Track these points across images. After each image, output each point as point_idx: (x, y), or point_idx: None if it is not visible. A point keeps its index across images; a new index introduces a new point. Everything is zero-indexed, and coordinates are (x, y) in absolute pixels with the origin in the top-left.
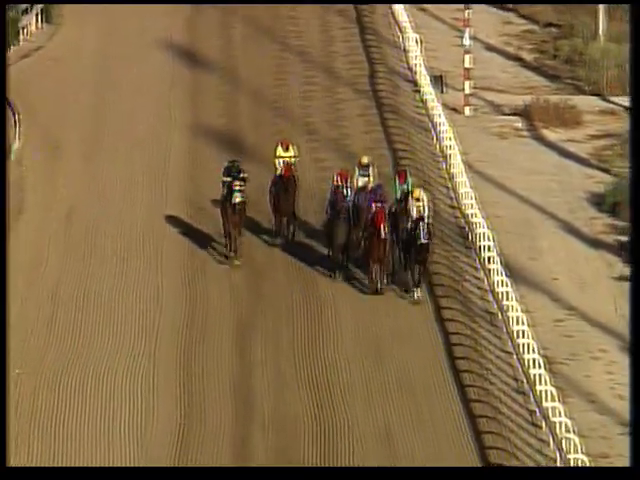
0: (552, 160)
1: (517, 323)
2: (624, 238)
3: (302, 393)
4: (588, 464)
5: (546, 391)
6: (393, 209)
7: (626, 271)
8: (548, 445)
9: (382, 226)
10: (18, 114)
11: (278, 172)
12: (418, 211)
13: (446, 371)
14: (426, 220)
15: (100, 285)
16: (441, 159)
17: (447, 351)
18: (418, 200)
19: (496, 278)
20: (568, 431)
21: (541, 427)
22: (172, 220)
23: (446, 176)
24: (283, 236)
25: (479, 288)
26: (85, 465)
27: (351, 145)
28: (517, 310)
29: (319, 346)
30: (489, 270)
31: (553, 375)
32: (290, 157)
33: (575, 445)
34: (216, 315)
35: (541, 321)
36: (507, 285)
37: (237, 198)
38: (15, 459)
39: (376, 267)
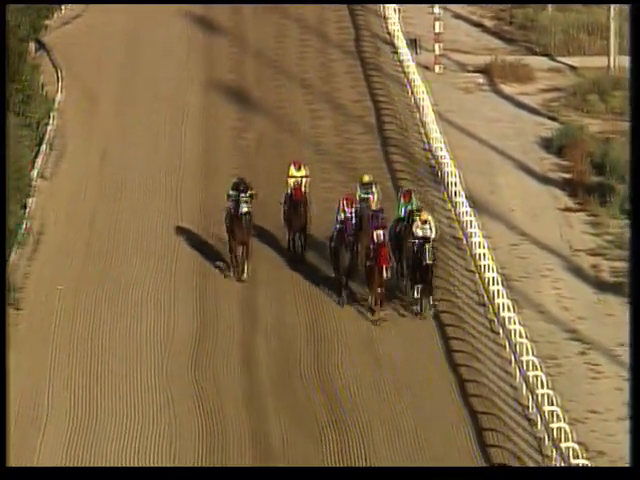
0: (509, 110)
1: (479, 247)
2: (568, 175)
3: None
4: (538, 366)
5: (503, 304)
6: (398, 228)
7: (570, 203)
8: (505, 348)
9: (385, 267)
10: (60, 71)
11: (289, 191)
12: (424, 233)
13: None
14: (431, 242)
15: (130, 216)
16: (415, 109)
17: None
18: (425, 222)
19: (461, 209)
20: (521, 337)
21: (499, 333)
22: (189, 158)
23: (419, 123)
24: (295, 250)
25: (447, 217)
26: (117, 358)
27: (340, 97)
28: (479, 236)
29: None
30: (455, 202)
31: (509, 291)
32: (302, 176)
33: (527, 348)
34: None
35: (499, 245)
36: (471, 215)
37: (244, 208)
38: (57, 353)
39: (377, 295)
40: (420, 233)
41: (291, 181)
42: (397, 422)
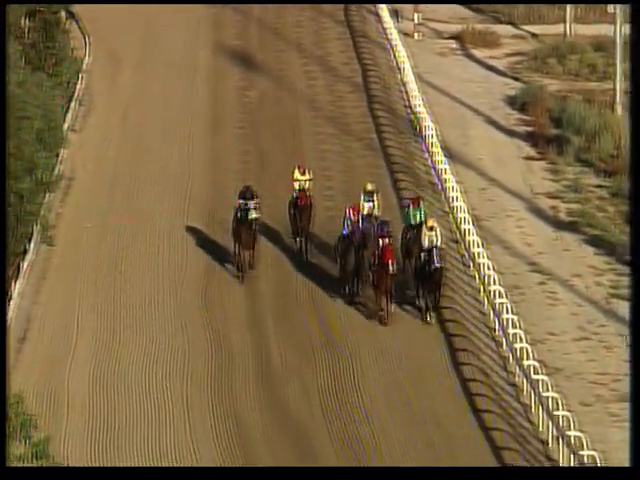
0: (478, 72)
1: (452, 190)
2: (530, 128)
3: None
4: (504, 294)
5: (473, 240)
6: (407, 236)
7: (531, 152)
8: (475, 279)
9: (390, 262)
10: (88, 37)
11: (295, 195)
12: (430, 240)
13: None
14: (438, 247)
15: (147, 160)
16: (397, 71)
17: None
18: (431, 229)
19: (437, 158)
20: (489, 269)
21: (469, 266)
22: (199, 111)
23: (400, 83)
24: (301, 251)
25: (424, 165)
26: (137, 287)
27: (332, 61)
28: (453, 181)
29: None
30: (432, 152)
31: (479, 229)
32: (306, 180)
33: (494, 279)
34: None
35: (470, 189)
36: (445, 163)
37: (252, 214)
38: (85, 283)
39: (384, 299)
40: (427, 243)
41: (296, 184)
42: (381, 344)
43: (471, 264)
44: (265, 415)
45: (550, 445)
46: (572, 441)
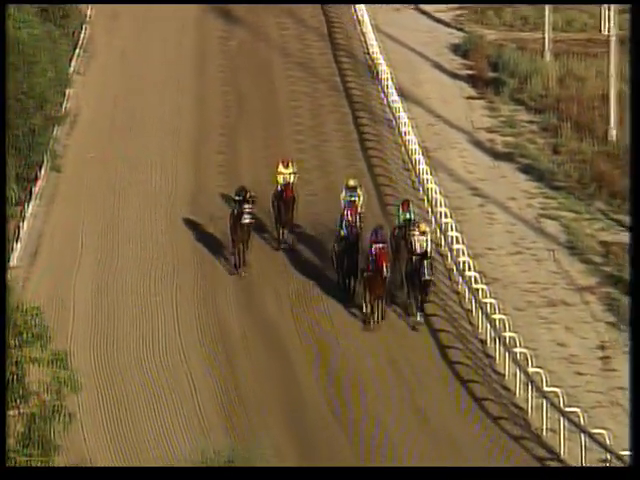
0: (427, 23)
1: (404, 125)
2: (471, 72)
3: None
4: (449, 214)
5: (423, 169)
6: (395, 233)
7: (472, 92)
8: (424, 201)
9: (384, 265)
10: None
11: (280, 188)
12: (421, 245)
13: (358, 153)
14: (429, 255)
15: (143, 95)
16: (357, 23)
17: (362, 149)
18: (423, 234)
19: (391, 97)
20: (436, 193)
21: (419, 190)
22: (185, 55)
23: (361, 34)
24: (283, 242)
25: (380, 103)
26: (133, 208)
27: (301, 14)
28: (405, 117)
29: None
30: (387, 92)
31: (428, 159)
32: (290, 173)
33: (441, 202)
34: None
35: (420, 125)
36: (399, 102)
37: (246, 219)
38: (88, 204)
39: (375, 303)
40: (418, 248)
41: (280, 178)
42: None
43: (421, 189)
44: (243, 317)
45: (488, 344)
46: (507, 341)
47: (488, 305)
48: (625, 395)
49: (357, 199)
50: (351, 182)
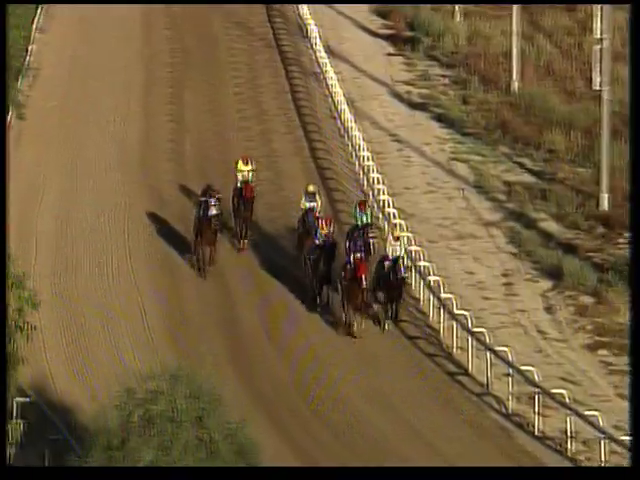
0: None
1: (331, 79)
2: (391, 31)
3: None
4: (371, 158)
5: (348, 118)
6: (355, 234)
7: (391, 50)
8: (349, 147)
9: (363, 277)
10: None
11: (240, 186)
12: (394, 250)
13: (290, 104)
14: (402, 257)
15: (99, 50)
16: None
17: (293, 100)
18: (397, 240)
19: (319, 54)
20: (359, 139)
21: (344, 137)
22: (136, 23)
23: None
24: (241, 237)
25: (310, 59)
26: (90, 149)
27: None
28: (331, 72)
29: None
30: (315, 50)
31: (352, 108)
32: (249, 170)
33: (363, 147)
34: None
35: (346, 78)
36: (326, 58)
37: (213, 211)
38: (49, 148)
39: (354, 314)
40: (390, 253)
41: (240, 175)
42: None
43: (346, 136)
44: (190, 245)
45: (412, 284)
46: (422, 269)
47: (405, 238)
48: (526, 316)
49: (317, 204)
50: (310, 188)
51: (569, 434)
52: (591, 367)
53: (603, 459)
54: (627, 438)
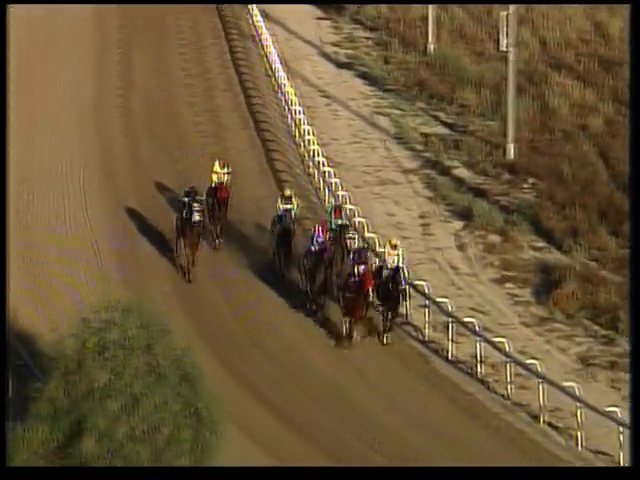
0: None
1: (266, 40)
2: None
3: None
4: (302, 112)
5: (281, 76)
6: (328, 237)
7: (321, 14)
8: (282, 102)
9: (369, 289)
10: None
11: (214, 185)
12: (393, 260)
13: (230, 63)
14: (402, 268)
15: (50, 26)
16: None
17: (233, 60)
18: (395, 248)
19: (256, 18)
20: (291, 94)
21: (277, 93)
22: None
23: None
24: (216, 236)
25: (248, 23)
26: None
27: None
28: (266, 34)
29: None
30: (253, 14)
31: (285, 67)
32: (225, 173)
33: (295, 101)
34: None
35: (280, 40)
36: (261, 22)
37: (196, 216)
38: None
39: (355, 325)
40: (389, 262)
41: (214, 177)
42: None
43: (280, 91)
44: (141, 192)
45: None
46: (348, 212)
47: (333, 184)
48: (440, 254)
49: (292, 206)
50: (287, 192)
51: (479, 358)
52: (498, 298)
53: (509, 380)
54: (531, 361)
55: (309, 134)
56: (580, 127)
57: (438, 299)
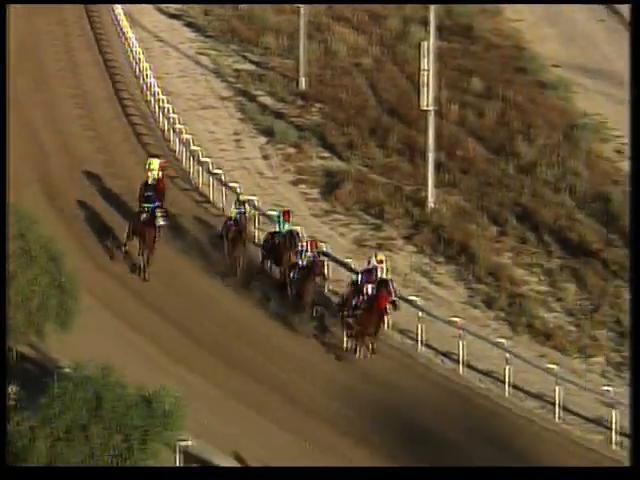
0: None
1: (126, 29)
2: None
3: None
4: (144, 52)
5: (125, 25)
6: (276, 241)
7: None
8: (126, 45)
9: (385, 307)
10: None
11: (150, 182)
12: (380, 275)
13: (84, 18)
14: (391, 280)
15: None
16: None
17: (88, 19)
18: (381, 262)
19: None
20: (133, 40)
21: (121, 37)
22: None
23: None
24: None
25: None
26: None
27: None
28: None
29: None
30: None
31: (129, 18)
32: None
33: (133, 44)
34: None
35: (145, 26)
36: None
37: (160, 221)
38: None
39: (366, 341)
40: (378, 273)
41: (150, 173)
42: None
43: (123, 37)
44: (101, 154)
45: (166, 132)
46: (178, 130)
47: (166, 108)
48: (249, 162)
49: (244, 210)
50: (240, 198)
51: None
52: (294, 196)
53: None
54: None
55: (147, 70)
56: (355, 65)
57: (249, 197)
